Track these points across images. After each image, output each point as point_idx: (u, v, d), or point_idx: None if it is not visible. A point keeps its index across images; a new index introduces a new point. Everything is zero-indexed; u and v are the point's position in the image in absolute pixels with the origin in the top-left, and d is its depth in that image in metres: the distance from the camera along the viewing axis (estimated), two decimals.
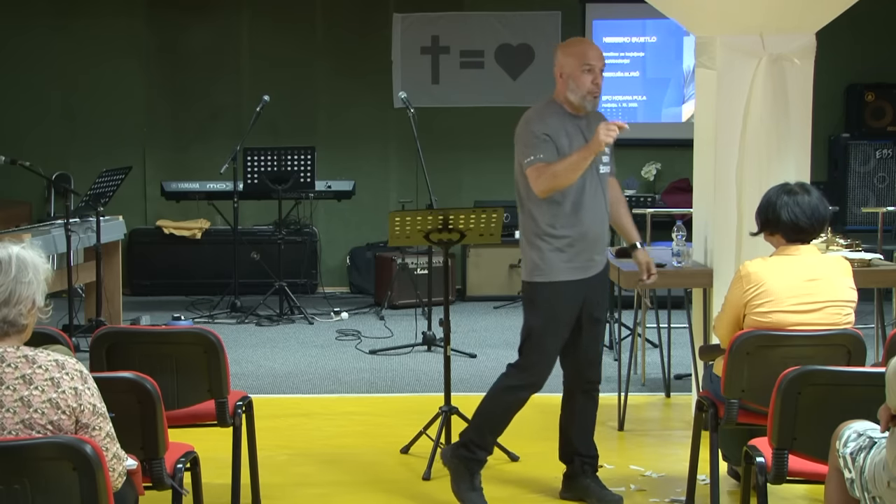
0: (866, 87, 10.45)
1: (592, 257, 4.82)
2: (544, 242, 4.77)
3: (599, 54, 4.78)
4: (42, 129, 10.57)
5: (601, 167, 4.84)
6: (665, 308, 6.91)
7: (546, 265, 4.78)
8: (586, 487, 4.94)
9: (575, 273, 4.78)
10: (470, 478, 4.91)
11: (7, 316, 3.12)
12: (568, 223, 4.75)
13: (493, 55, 10.69)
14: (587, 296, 4.84)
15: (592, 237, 4.81)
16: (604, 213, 4.86)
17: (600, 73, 4.76)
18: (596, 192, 4.81)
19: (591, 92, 4.75)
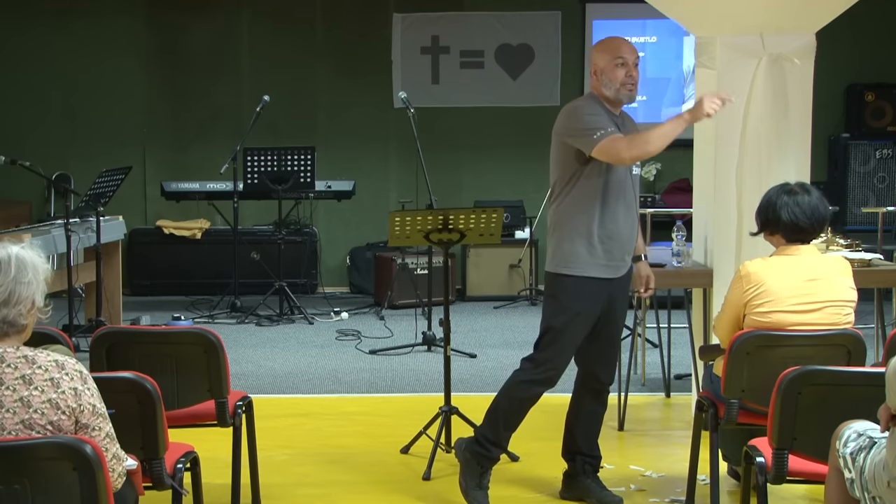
0: (866, 87, 10.45)
1: (622, 257, 4.79)
2: (578, 236, 4.71)
3: (632, 49, 4.77)
4: (42, 129, 10.57)
5: (634, 168, 4.82)
6: (665, 308, 6.91)
7: (574, 259, 4.72)
8: (586, 487, 4.94)
9: (602, 271, 4.74)
10: (479, 474, 4.89)
11: (7, 316, 3.12)
12: (601, 221, 4.71)
13: (493, 55, 10.70)
14: (611, 296, 4.80)
15: (623, 237, 4.76)
16: (634, 214, 4.82)
17: (634, 66, 4.72)
18: (628, 192, 4.77)
19: (625, 84, 4.71)
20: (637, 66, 4.74)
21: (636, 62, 4.74)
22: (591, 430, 5.00)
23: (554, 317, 4.78)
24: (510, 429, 4.94)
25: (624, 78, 4.71)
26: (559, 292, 4.78)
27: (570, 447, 5.02)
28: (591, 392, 4.98)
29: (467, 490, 4.88)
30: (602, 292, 4.77)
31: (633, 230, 4.83)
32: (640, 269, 5.05)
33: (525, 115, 10.69)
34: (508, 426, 4.92)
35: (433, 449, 5.35)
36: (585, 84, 10.66)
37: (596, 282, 4.74)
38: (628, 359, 6.84)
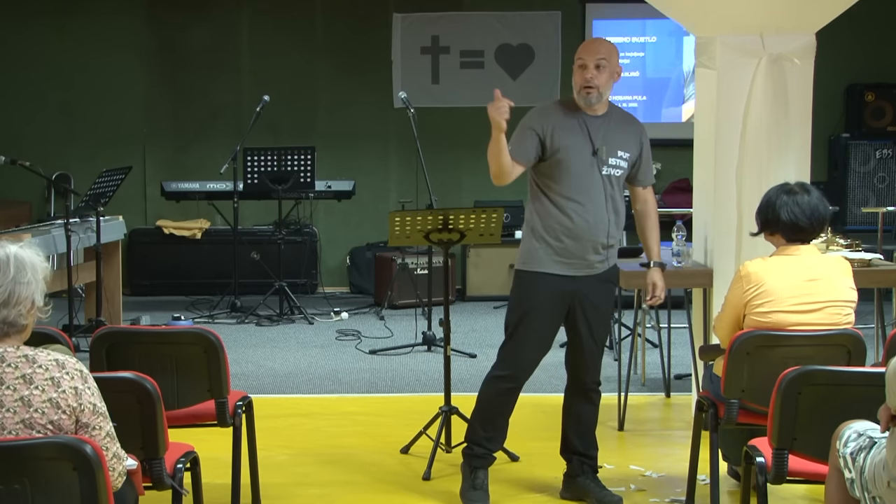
0: (866, 87, 10.45)
1: (585, 257, 4.77)
2: (535, 234, 4.78)
3: (595, 50, 4.73)
4: (42, 128, 10.57)
5: (605, 168, 4.76)
6: (665, 308, 6.91)
7: (529, 256, 4.79)
8: (585, 487, 4.94)
9: (558, 268, 4.74)
10: (470, 476, 4.91)
11: (7, 317, 3.12)
12: (558, 218, 4.73)
13: (493, 55, 10.70)
14: (577, 295, 4.79)
15: (586, 237, 4.74)
16: (603, 215, 4.76)
17: (595, 68, 4.70)
18: (597, 192, 4.74)
19: (583, 86, 4.71)
20: (602, 68, 4.70)
21: (598, 63, 4.70)
22: (583, 430, 4.99)
23: (511, 312, 4.84)
24: (487, 428, 4.92)
25: (581, 80, 4.72)
26: (516, 288, 4.85)
27: (566, 447, 5.03)
28: (578, 393, 4.98)
29: (462, 494, 4.90)
30: (561, 290, 4.76)
31: (601, 230, 4.76)
32: (649, 275, 5.03)
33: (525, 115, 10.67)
34: (487, 425, 4.92)
35: (433, 449, 5.35)
36: None
37: (551, 278, 4.74)
38: (628, 359, 6.84)
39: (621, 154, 4.79)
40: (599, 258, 4.80)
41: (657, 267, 5.03)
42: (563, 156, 4.71)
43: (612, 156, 4.77)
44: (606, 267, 4.85)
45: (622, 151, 4.79)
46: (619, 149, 4.78)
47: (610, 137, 4.77)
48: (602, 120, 4.78)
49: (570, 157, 4.70)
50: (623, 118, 4.90)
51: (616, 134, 4.79)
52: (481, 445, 4.92)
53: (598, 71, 4.69)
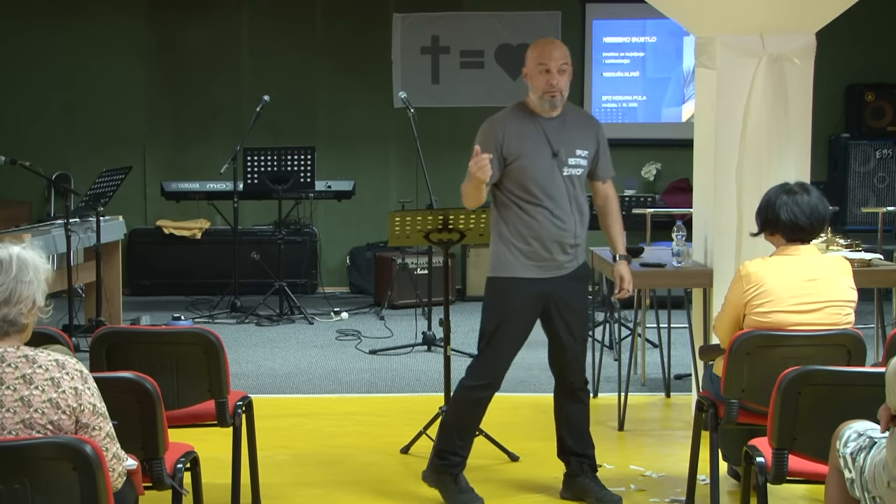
0: (866, 87, 10.45)
1: (553, 258, 4.78)
2: (503, 239, 4.80)
3: (560, 55, 4.76)
4: (42, 128, 10.56)
5: (566, 169, 4.78)
6: (665, 308, 6.91)
7: (501, 262, 4.79)
8: (585, 487, 4.94)
9: (532, 271, 4.76)
10: (454, 483, 4.89)
11: (7, 315, 3.12)
12: (524, 223, 4.75)
13: (493, 55, 10.69)
14: (551, 297, 4.80)
15: (552, 238, 4.76)
16: (567, 215, 4.78)
17: (558, 73, 4.72)
18: (559, 194, 4.76)
19: (547, 91, 4.72)
20: (563, 73, 4.73)
21: (561, 68, 4.73)
22: (576, 430, 4.98)
23: (487, 321, 4.84)
24: (463, 436, 4.93)
25: (545, 85, 4.72)
26: (489, 296, 4.85)
27: (562, 449, 5.03)
28: (566, 394, 4.98)
29: (452, 501, 4.87)
30: (534, 293, 4.77)
31: (567, 230, 4.78)
32: (616, 268, 5.04)
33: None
34: (461, 434, 4.92)
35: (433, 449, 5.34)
36: (585, 84, 10.67)
37: (524, 282, 4.75)
38: (628, 359, 6.84)
39: (580, 153, 4.82)
40: (568, 258, 4.82)
41: (623, 260, 5.03)
42: (524, 162, 4.72)
43: (572, 156, 4.80)
44: (576, 265, 4.86)
45: (581, 150, 4.82)
46: (577, 148, 4.81)
47: (567, 138, 4.80)
48: (558, 121, 4.80)
49: (530, 163, 4.73)
50: (578, 116, 4.94)
51: (573, 133, 4.82)
52: (457, 454, 4.91)
53: (560, 75, 4.74)
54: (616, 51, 10.70)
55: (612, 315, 7.44)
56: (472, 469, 5.34)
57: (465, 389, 4.89)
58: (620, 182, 10.55)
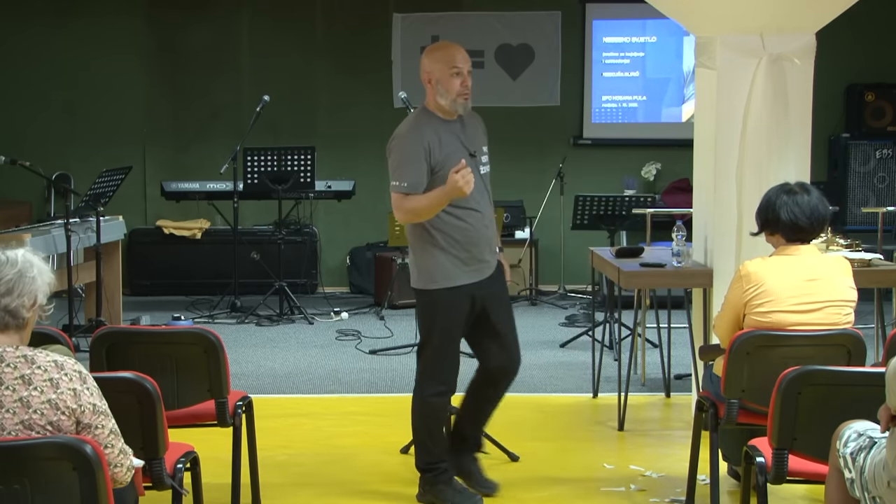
0: (866, 87, 10.45)
1: (484, 258, 4.86)
2: (437, 249, 4.78)
3: (466, 57, 4.82)
4: (42, 128, 10.57)
5: (482, 167, 4.87)
6: (665, 308, 6.91)
7: (441, 272, 4.79)
8: (466, 468, 5.01)
9: (470, 276, 4.81)
10: (449, 487, 4.89)
11: (9, 305, 3.12)
12: (458, 229, 4.77)
13: (493, 55, 10.69)
14: (484, 296, 4.86)
15: (481, 239, 4.83)
16: (490, 214, 4.90)
17: (469, 75, 4.78)
18: (482, 194, 4.84)
19: (462, 94, 4.78)
20: (471, 74, 4.81)
21: (470, 70, 4.81)
22: (482, 417, 5.08)
23: (431, 331, 4.86)
24: (439, 442, 4.95)
25: (459, 88, 4.77)
26: (429, 308, 4.87)
27: (458, 430, 5.10)
28: (488, 381, 5.04)
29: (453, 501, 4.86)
30: (468, 297, 4.83)
31: (490, 229, 4.89)
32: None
33: (525, 115, 10.69)
34: (436, 441, 4.94)
35: None
36: (585, 84, 10.68)
37: (464, 289, 4.81)
38: (628, 359, 6.84)
39: (484, 150, 4.95)
40: (493, 257, 4.94)
41: (500, 253, 5.11)
42: (448, 168, 4.71)
43: (482, 154, 4.91)
44: (495, 264, 4.96)
45: (484, 147, 4.95)
46: (482, 145, 4.93)
47: (473, 137, 4.88)
48: (460, 123, 4.88)
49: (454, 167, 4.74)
50: (471, 115, 4.98)
51: (474, 132, 4.91)
52: (442, 460, 4.93)
53: (469, 76, 4.82)
54: (616, 51, 10.70)
55: (612, 315, 7.44)
56: None
57: (427, 399, 4.91)
58: (620, 182, 10.58)
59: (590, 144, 10.74)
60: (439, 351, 4.86)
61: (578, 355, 7.74)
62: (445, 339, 4.85)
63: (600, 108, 10.74)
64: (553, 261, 10.49)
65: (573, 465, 5.44)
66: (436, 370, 4.89)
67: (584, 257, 7.17)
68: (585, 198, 8.31)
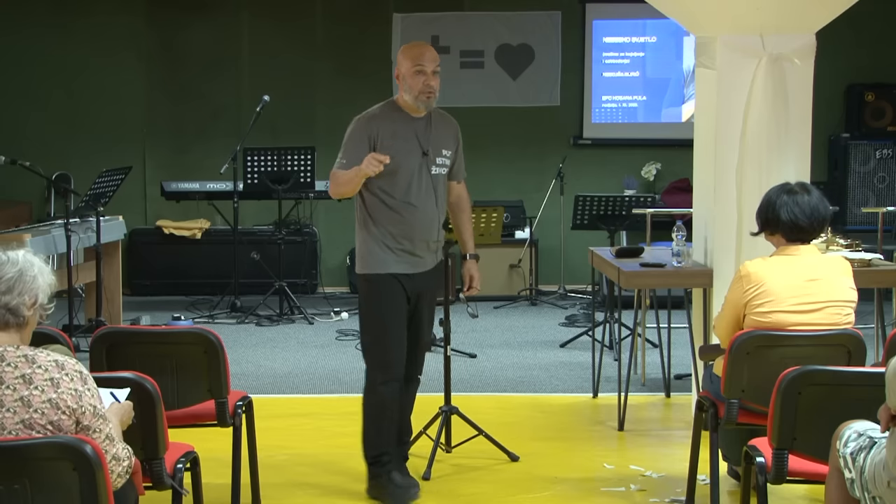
0: (866, 87, 10.45)
1: (417, 254, 4.94)
2: (373, 237, 4.92)
3: (433, 58, 4.93)
4: (42, 128, 10.57)
5: (434, 168, 4.95)
6: (665, 308, 6.91)
7: (375, 258, 4.92)
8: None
9: (402, 267, 4.91)
10: (389, 481, 4.95)
11: (9, 303, 3.12)
12: (394, 219, 4.89)
13: (493, 55, 10.69)
14: (416, 291, 4.97)
15: (418, 235, 4.91)
16: (433, 214, 4.95)
17: (433, 74, 4.88)
18: (427, 193, 4.92)
19: (423, 92, 4.89)
20: (436, 75, 4.91)
21: (435, 70, 4.92)
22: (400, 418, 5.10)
23: (367, 318, 4.99)
24: (386, 433, 4.99)
25: (422, 86, 4.89)
26: (366, 293, 4.98)
27: None
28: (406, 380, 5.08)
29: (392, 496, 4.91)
30: (405, 288, 4.93)
31: (432, 228, 4.95)
32: (465, 266, 5.21)
33: (525, 115, 10.69)
34: (381, 431, 4.98)
35: (433, 449, 5.35)
36: (585, 84, 10.68)
37: (396, 277, 4.91)
38: (628, 359, 6.84)
39: (445, 153, 5.01)
40: (432, 255, 5.02)
41: (473, 259, 5.22)
42: (396, 160, 4.84)
43: (438, 155, 4.98)
44: (437, 261, 5.07)
45: (445, 150, 5.01)
46: (442, 148, 5.00)
47: (434, 138, 4.98)
48: (425, 121, 4.98)
49: (401, 162, 4.87)
50: (441, 118, 5.09)
51: (439, 134, 5.00)
52: (387, 454, 4.98)
53: (434, 76, 4.91)
54: (616, 51, 10.70)
55: (612, 315, 7.44)
56: (472, 469, 5.36)
57: (378, 388, 4.96)
58: (620, 182, 10.58)
59: (590, 144, 10.75)
60: (377, 338, 4.96)
61: (578, 355, 7.74)
62: (381, 325, 4.94)
63: (600, 108, 10.74)
64: (553, 261, 10.49)
65: (573, 465, 5.44)
66: (377, 358, 4.98)
67: (584, 257, 7.17)
68: (585, 198, 8.31)
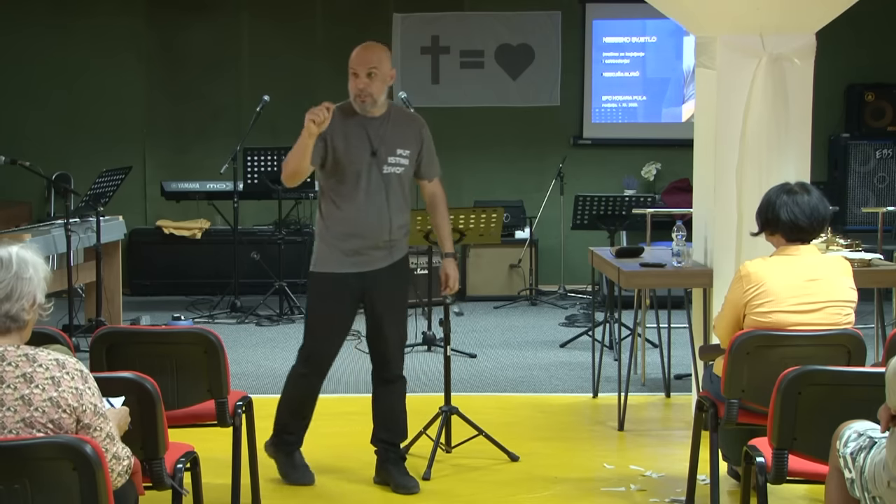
0: (866, 87, 10.45)
1: (368, 253, 5.00)
2: (322, 236, 5.03)
3: (365, 60, 4.93)
4: (42, 128, 10.57)
5: (385, 167, 4.98)
6: (665, 308, 6.91)
7: (322, 257, 5.02)
8: (388, 472, 5.13)
9: (349, 266, 4.98)
10: (288, 459, 5.15)
11: (9, 311, 3.12)
12: (341, 219, 4.96)
13: (493, 55, 10.69)
14: (369, 290, 5.04)
15: (367, 234, 4.97)
16: (384, 213, 4.97)
17: (366, 76, 4.91)
18: (377, 192, 4.96)
19: (357, 95, 4.94)
20: (371, 76, 4.92)
21: (369, 72, 4.92)
22: (391, 418, 5.22)
23: (310, 311, 5.11)
24: (297, 416, 5.18)
25: (354, 89, 4.96)
26: (311, 290, 5.11)
27: (374, 434, 5.25)
28: (383, 383, 5.23)
29: (285, 473, 5.14)
30: (352, 286, 5.02)
31: (381, 226, 4.98)
32: (443, 265, 5.23)
33: (525, 115, 10.69)
34: (294, 413, 5.18)
35: (433, 449, 5.35)
36: (585, 84, 10.68)
37: (340, 277, 4.99)
38: (628, 359, 6.84)
39: (401, 152, 5.02)
40: (382, 254, 5.04)
41: (450, 258, 5.23)
42: (344, 159, 4.94)
43: (392, 154, 5.00)
44: (392, 260, 5.08)
45: (401, 149, 5.02)
46: (398, 147, 5.02)
47: (389, 137, 4.99)
48: (380, 121, 5.00)
49: (350, 160, 4.94)
50: (402, 117, 5.13)
51: (394, 133, 5.01)
52: (289, 433, 5.18)
53: (369, 79, 4.93)
54: (616, 51, 10.70)
55: (612, 315, 7.44)
56: (472, 469, 5.36)
57: (296, 375, 5.19)
58: (620, 182, 10.58)
59: (590, 144, 10.75)
60: (310, 333, 5.10)
61: (578, 355, 7.74)
62: (317, 323, 5.08)
63: (600, 108, 10.74)
64: (553, 261, 10.50)
65: (573, 465, 5.44)
66: (304, 351, 5.14)
67: (584, 257, 7.17)
68: (585, 198, 8.31)
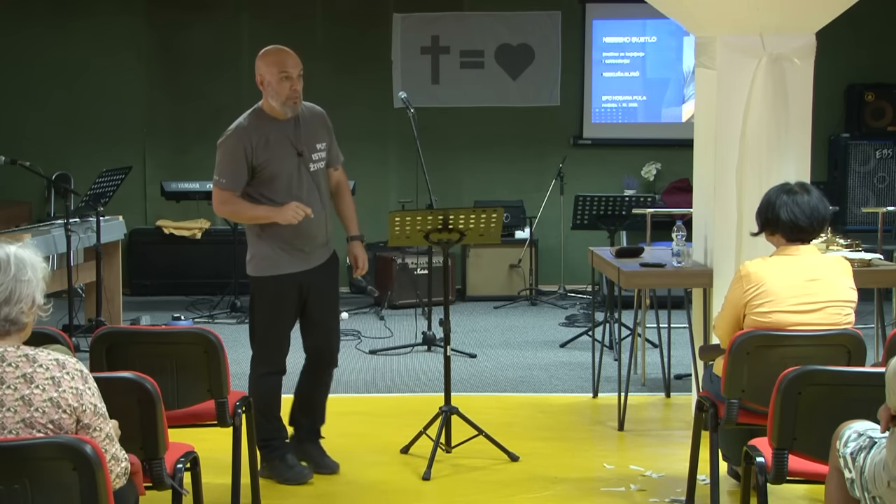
0: (866, 87, 10.45)
1: (311, 250, 5.14)
2: (266, 238, 5.09)
3: (296, 62, 5.08)
4: (42, 128, 10.56)
5: (312, 165, 5.11)
6: (665, 308, 6.91)
7: (268, 261, 5.11)
8: (309, 452, 5.29)
9: (293, 266, 5.10)
10: (283, 463, 5.16)
11: (9, 314, 3.12)
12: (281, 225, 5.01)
13: (493, 55, 10.69)
14: (307, 285, 5.14)
15: (307, 232, 5.08)
16: (319, 210, 5.11)
17: (298, 78, 5.06)
18: (310, 191, 5.10)
19: (290, 98, 5.04)
20: (301, 78, 5.06)
21: (300, 74, 5.07)
22: (314, 405, 5.33)
23: (263, 315, 5.18)
24: (274, 419, 5.22)
25: (289, 92, 5.04)
26: (257, 294, 5.19)
27: (293, 417, 5.33)
28: (317, 370, 5.31)
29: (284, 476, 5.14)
30: (296, 284, 5.12)
31: (319, 223, 5.12)
32: (352, 248, 5.40)
33: (525, 115, 10.69)
34: (271, 418, 5.19)
35: (433, 449, 5.35)
36: (585, 84, 10.67)
37: (287, 277, 5.09)
38: (628, 359, 6.84)
39: (319, 146, 5.17)
40: (322, 249, 5.22)
41: (357, 240, 5.43)
42: (273, 167, 5.03)
43: (313, 151, 5.15)
44: (327, 256, 5.26)
45: (319, 144, 5.17)
46: (316, 143, 5.16)
47: (306, 135, 5.12)
48: (293, 122, 5.11)
49: (279, 168, 5.03)
50: (309, 111, 5.25)
51: (310, 129, 5.16)
52: (276, 437, 5.19)
53: (299, 80, 5.09)
54: (616, 51, 10.70)
55: (612, 315, 7.44)
56: (472, 469, 5.36)
57: (260, 378, 5.21)
58: (620, 182, 10.58)
59: (590, 144, 10.75)
60: (265, 335, 5.16)
61: (578, 355, 7.74)
62: (270, 324, 5.15)
63: (600, 108, 10.74)
64: (553, 261, 10.50)
65: (573, 465, 5.44)
66: (263, 353, 5.19)
67: (584, 257, 7.17)
68: (585, 198, 8.31)
